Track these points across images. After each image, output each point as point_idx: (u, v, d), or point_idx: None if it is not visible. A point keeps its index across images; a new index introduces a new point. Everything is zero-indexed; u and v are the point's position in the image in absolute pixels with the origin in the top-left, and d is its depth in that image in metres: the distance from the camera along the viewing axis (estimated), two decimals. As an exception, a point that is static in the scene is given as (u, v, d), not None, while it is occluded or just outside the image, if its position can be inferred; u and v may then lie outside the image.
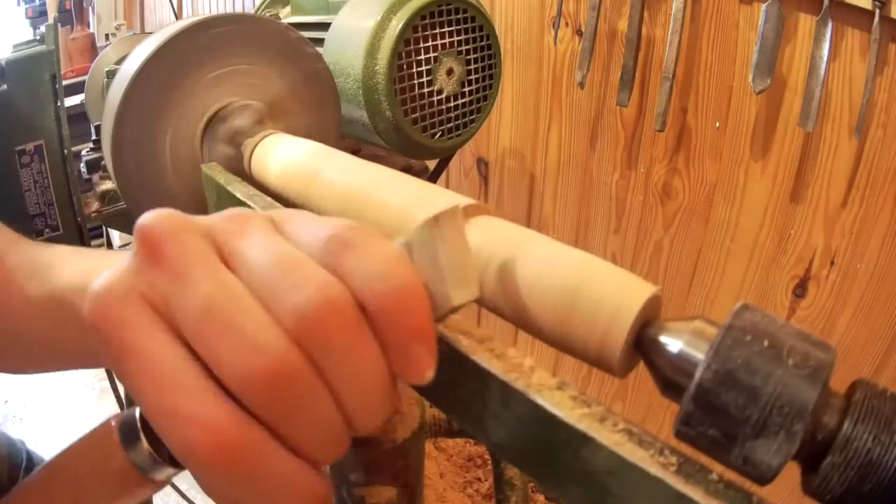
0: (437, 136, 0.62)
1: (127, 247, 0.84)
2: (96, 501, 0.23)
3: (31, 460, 0.68)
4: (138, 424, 0.22)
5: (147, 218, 0.21)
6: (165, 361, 0.18)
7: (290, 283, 0.19)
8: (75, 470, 0.23)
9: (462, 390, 0.22)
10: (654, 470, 0.17)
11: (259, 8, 0.83)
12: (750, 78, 0.80)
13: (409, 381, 0.19)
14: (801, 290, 0.87)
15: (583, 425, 0.18)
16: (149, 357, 0.19)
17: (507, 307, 0.23)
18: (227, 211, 0.23)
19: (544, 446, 0.19)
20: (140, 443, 0.22)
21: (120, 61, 0.62)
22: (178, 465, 0.23)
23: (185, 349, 0.19)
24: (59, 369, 0.35)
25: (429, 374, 0.19)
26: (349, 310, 0.19)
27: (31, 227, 0.58)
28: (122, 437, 0.22)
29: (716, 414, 0.17)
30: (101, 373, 1.70)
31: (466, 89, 0.63)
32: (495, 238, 0.25)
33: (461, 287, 0.20)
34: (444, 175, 1.13)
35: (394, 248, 0.20)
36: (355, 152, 0.69)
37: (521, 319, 0.23)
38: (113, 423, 0.23)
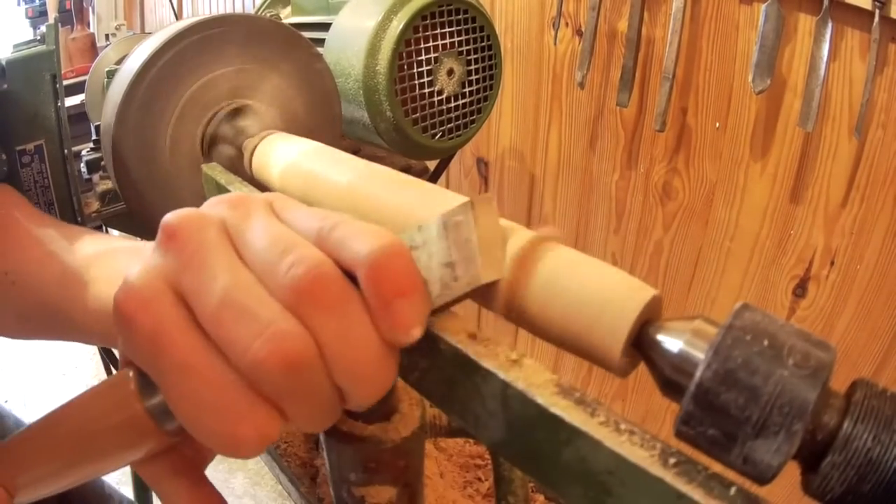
0: (437, 137, 0.62)
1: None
2: (102, 449, 0.23)
3: None
4: None
5: (171, 215, 0.22)
6: (204, 365, 0.20)
7: (286, 263, 0.20)
8: (84, 416, 0.23)
9: (461, 390, 0.22)
10: (655, 469, 0.17)
11: (259, 8, 0.83)
12: (750, 78, 0.80)
13: (398, 340, 0.20)
14: (801, 290, 0.87)
15: (583, 425, 0.18)
16: (185, 359, 0.20)
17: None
18: (233, 197, 0.24)
19: (544, 446, 0.19)
20: (159, 392, 0.22)
21: (120, 61, 0.62)
22: None
23: (213, 346, 0.20)
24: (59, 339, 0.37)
25: (415, 332, 0.20)
26: (337, 280, 0.20)
27: (32, 227, 0.58)
28: (141, 386, 0.22)
29: (716, 413, 0.17)
30: (100, 373, 1.70)
31: (467, 90, 0.63)
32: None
33: (490, 267, 0.22)
34: (444, 175, 1.13)
35: (375, 225, 0.21)
36: (355, 152, 0.69)
37: (521, 318, 0.23)
38: (131, 373, 0.23)
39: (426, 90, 0.60)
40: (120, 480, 1.54)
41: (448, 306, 0.22)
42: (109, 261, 0.34)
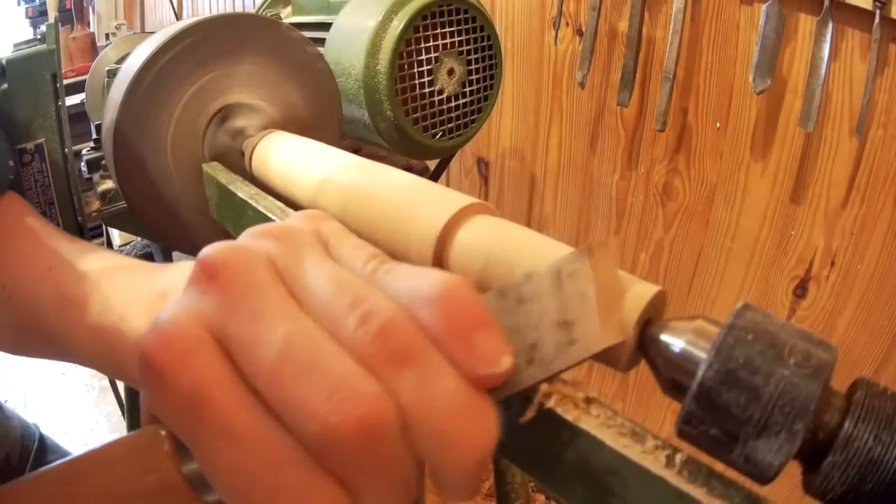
0: (437, 136, 0.62)
1: (126, 247, 0.84)
2: None
3: (43, 443, 0.68)
4: None
5: (209, 250, 0.19)
6: (256, 433, 0.17)
7: (356, 318, 0.17)
8: (107, 476, 0.20)
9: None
10: (656, 469, 0.17)
11: (260, 8, 0.83)
12: (750, 78, 0.80)
13: (489, 373, 0.17)
14: (801, 290, 0.87)
15: (584, 424, 0.18)
16: (231, 425, 0.17)
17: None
18: (276, 228, 0.21)
19: (545, 446, 0.19)
20: None
21: (120, 61, 0.62)
22: None
23: (267, 409, 0.17)
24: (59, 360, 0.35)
25: (505, 361, 0.17)
26: (416, 333, 0.17)
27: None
28: (177, 447, 0.19)
29: (717, 413, 0.17)
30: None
31: (467, 89, 0.63)
32: (495, 237, 0.26)
33: (609, 327, 0.18)
34: (444, 175, 1.13)
35: (428, 268, 0.19)
36: (356, 152, 0.69)
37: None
38: (163, 432, 0.19)
39: (426, 90, 0.60)
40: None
41: (560, 373, 0.19)
42: (109, 281, 0.32)
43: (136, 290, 0.31)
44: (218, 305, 0.18)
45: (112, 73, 0.56)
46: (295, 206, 0.39)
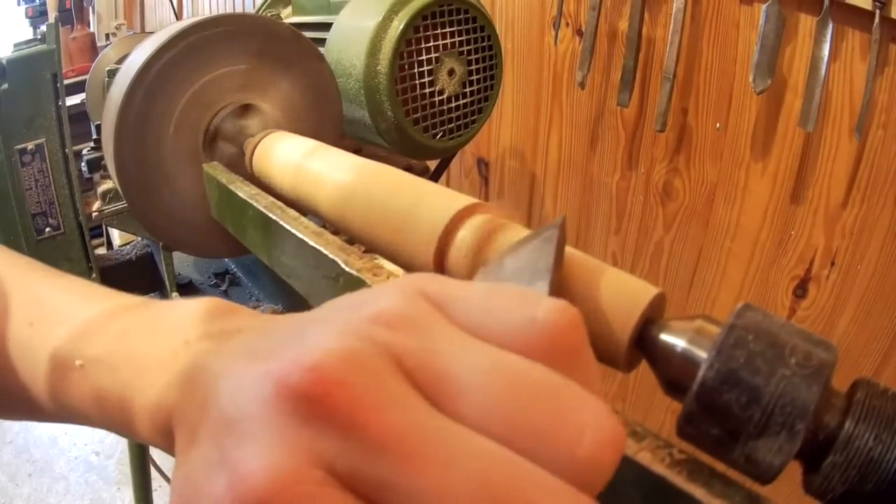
0: (438, 137, 0.62)
1: (127, 246, 0.84)
2: None
3: None
4: None
5: (293, 364, 0.13)
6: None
7: (571, 428, 0.13)
8: None
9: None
10: (656, 468, 0.17)
11: (260, 8, 0.83)
12: (750, 78, 0.80)
13: None
14: (801, 290, 0.87)
15: (585, 424, 0.18)
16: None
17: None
18: (374, 311, 0.15)
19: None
20: None
21: (120, 61, 0.62)
22: None
23: None
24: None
25: None
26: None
27: (32, 226, 0.58)
28: None
29: (718, 413, 0.17)
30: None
31: (467, 90, 0.63)
32: (495, 236, 0.26)
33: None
34: (444, 175, 1.13)
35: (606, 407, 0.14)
36: (356, 152, 0.69)
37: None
38: None
39: (427, 90, 0.60)
40: (119, 481, 1.53)
41: None
42: (107, 333, 0.25)
43: (141, 340, 0.25)
44: (335, 438, 0.13)
45: (112, 73, 0.56)
46: (293, 204, 0.39)
